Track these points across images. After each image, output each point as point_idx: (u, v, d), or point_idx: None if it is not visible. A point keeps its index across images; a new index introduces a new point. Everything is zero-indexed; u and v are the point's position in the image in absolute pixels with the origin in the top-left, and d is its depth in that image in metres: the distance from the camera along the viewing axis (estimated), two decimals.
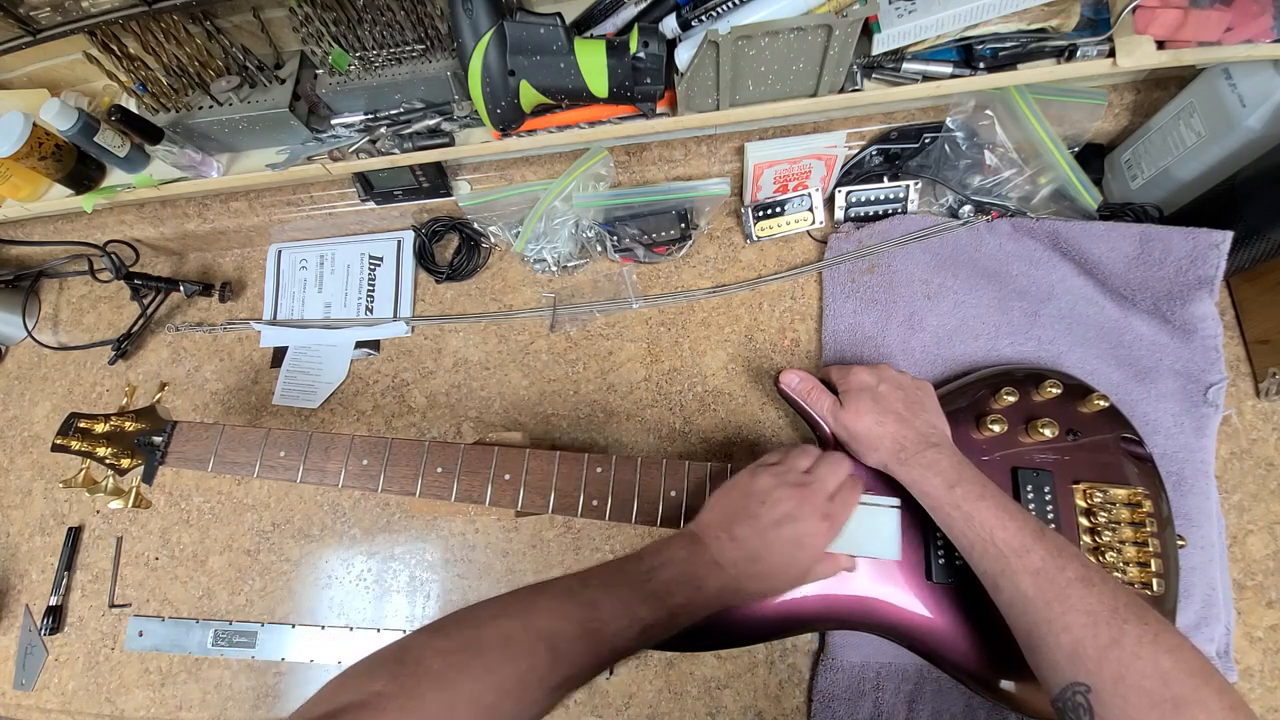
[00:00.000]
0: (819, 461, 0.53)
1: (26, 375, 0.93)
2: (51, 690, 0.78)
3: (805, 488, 0.50)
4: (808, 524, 0.48)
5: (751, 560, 0.47)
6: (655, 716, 0.65)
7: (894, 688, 0.61)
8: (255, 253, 0.91)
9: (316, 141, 0.70)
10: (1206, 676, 0.38)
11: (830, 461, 0.53)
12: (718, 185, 0.71)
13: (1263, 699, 0.59)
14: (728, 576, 0.47)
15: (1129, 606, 0.41)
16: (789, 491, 0.49)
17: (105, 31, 0.63)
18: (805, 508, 0.49)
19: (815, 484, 0.50)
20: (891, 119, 0.72)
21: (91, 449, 0.66)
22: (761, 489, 0.50)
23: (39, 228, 0.89)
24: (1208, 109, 0.59)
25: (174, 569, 0.79)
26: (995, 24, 0.58)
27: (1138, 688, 0.38)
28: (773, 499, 0.49)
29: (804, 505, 0.49)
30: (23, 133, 0.70)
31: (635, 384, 0.75)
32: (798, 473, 0.51)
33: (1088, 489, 0.56)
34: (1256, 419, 0.65)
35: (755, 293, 0.76)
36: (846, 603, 0.55)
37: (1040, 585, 0.43)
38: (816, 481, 0.51)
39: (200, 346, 0.88)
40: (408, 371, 0.81)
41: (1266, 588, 0.61)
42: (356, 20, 0.62)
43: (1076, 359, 0.65)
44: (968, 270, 0.70)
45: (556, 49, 0.57)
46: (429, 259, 0.84)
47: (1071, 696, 0.40)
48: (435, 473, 0.59)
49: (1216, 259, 0.62)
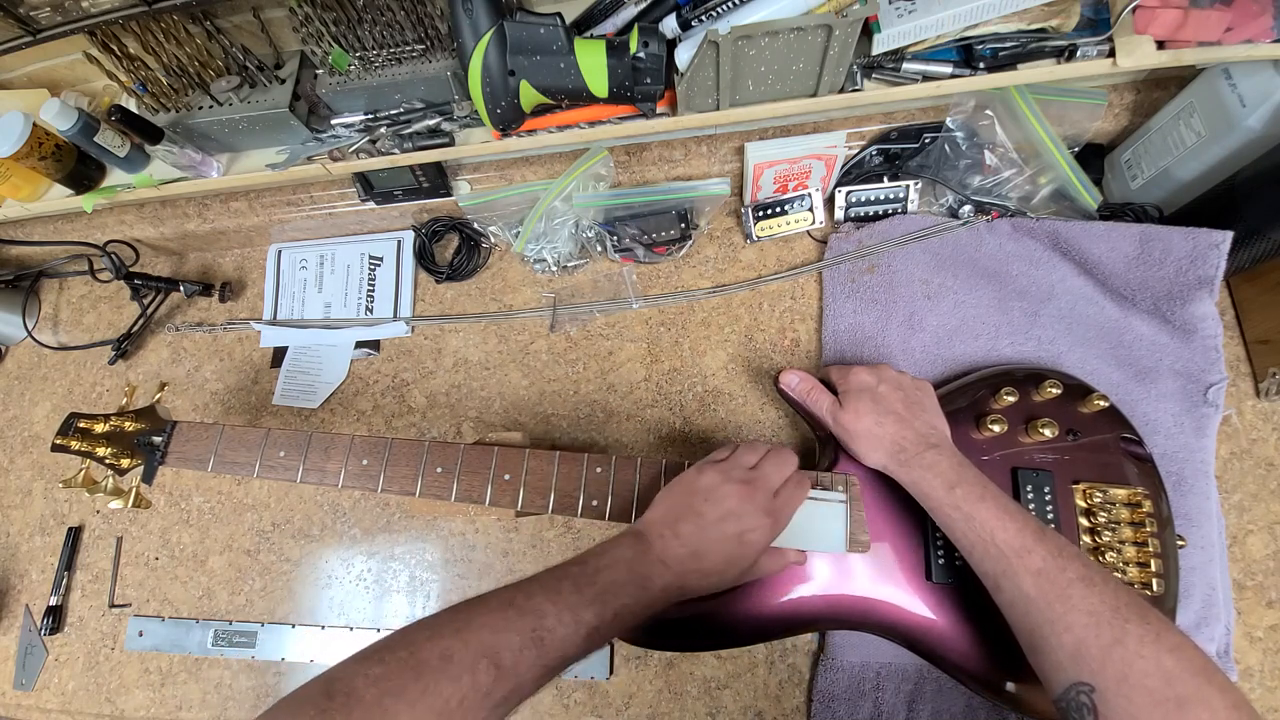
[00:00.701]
0: (765, 458, 0.53)
1: (26, 375, 0.93)
2: (51, 690, 0.78)
3: (749, 484, 0.50)
4: (750, 520, 0.48)
5: (695, 557, 0.47)
6: (655, 716, 0.65)
7: (894, 688, 0.61)
8: (255, 253, 0.91)
9: (316, 141, 0.70)
10: (1209, 675, 0.38)
11: (776, 458, 0.53)
12: (718, 185, 0.71)
13: (1263, 699, 0.59)
14: (672, 574, 0.46)
15: (1130, 606, 0.41)
16: (733, 488, 0.49)
17: (105, 31, 0.63)
18: (749, 504, 0.49)
19: (759, 480, 0.50)
20: (891, 119, 0.72)
21: (91, 449, 0.66)
22: (706, 486, 0.50)
23: (39, 228, 0.89)
24: (1208, 109, 0.59)
25: (174, 569, 0.79)
26: (995, 24, 0.58)
27: (1141, 687, 0.38)
28: (716, 495, 0.49)
29: (747, 502, 0.49)
30: (23, 133, 0.70)
31: (635, 384, 0.75)
32: (743, 469, 0.51)
33: (1088, 489, 0.56)
34: (1256, 419, 0.65)
35: (755, 293, 0.76)
36: (846, 603, 0.55)
37: (1042, 586, 0.43)
38: (761, 478, 0.51)
39: (200, 346, 0.88)
40: (408, 371, 0.81)
41: (1266, 588, 0.61)
42: (356, 20, 0.62)
43: (1076, 359, 0.65)
44: (968, 270, 0.70)
45: (556, 49, 0.57)
46: (429, 259, 0.84)
47: (1075, 696, 0.40)
48: (435, 473, 0.59)
49: (1216, 259, 0.62)
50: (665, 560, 0.47)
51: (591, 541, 0.71)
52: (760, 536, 0.48)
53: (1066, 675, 0.41)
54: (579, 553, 0.47)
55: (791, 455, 0.53)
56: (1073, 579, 0.42)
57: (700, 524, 0.48)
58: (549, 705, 0.67)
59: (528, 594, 0.42)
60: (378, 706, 0.34)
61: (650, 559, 0.47)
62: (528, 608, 0.41)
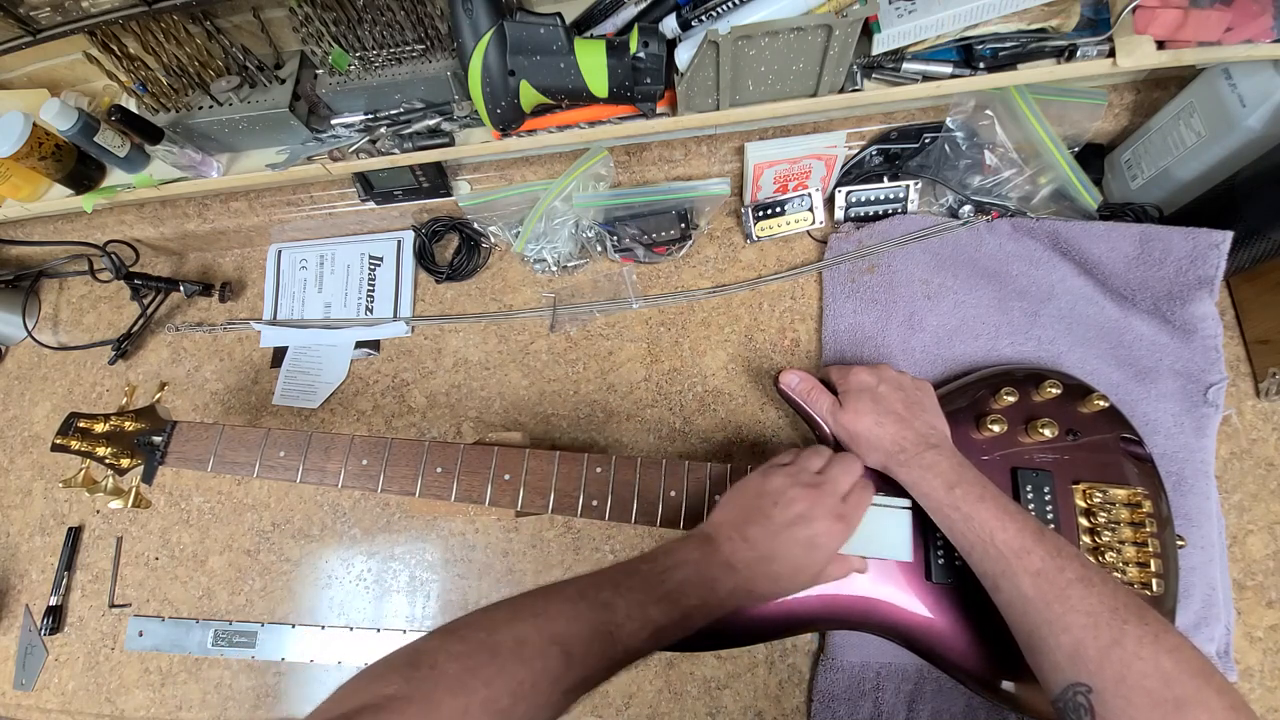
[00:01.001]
0: (831, 462, 0.52)
1: (26, 375, 0.93)
2: (51, 690, 0.78)
3: (818, 488, 0.49)
4: (821, 524, 0.48)
5: (765, 561, 0.47)
6: (655, 716, 0.65)
7: (894, 688, 0.61)
8: (255, 253, 0.91)
9: (316, 141, 0.70)
10: (1208, 676, 0.38)
11: (843, 462, 0.52)
12: (718, 185, 0.71)
13: (1263, 699, 0.59)
14: (741, 578, 0.46)
15: (1129, 607, 0.41)
16: (802, 492, 0.49)
17: (105, 31, 0.63)
18: (819, 508, 0.48)
19: (828, 484, 0.50)
20: (891, 119, 0.72)
21: (91, 449, 0.66)
22: (774, 489, 0.50)
23: (39, 228, 0.90)
24: (1208, 109, 0.59)
25: (174, 569, 0.79)
26: (995, 24, 0.57)
27: (1139, 688, 0.38)
28: (786, 499, 0.49)
29: (817, 506, 0.48)
30: (23, 133, 0.70)
31: (635, 384, 0.75)
32: (810, 473, 0.51)
33: (1087, 489, 0.56)
34: (1256, 419, 0.65)
35: (755, 293, 0.76)
36: (847, 603, 0.55)
37: (1040, 586, 0.43)
38: (829, 482, 0.50)
39: (200, 346, 0.88)
40: (408, 371, 0.81)
41: (1266, 588, 0.61)
42: (356, 20, 0.62)
43: (1076, 359, 0.65)
44: (968, 270, 0.70)
45: (556, 49, 0.57)
46: (429, 259, 0.84)
47: (1072, 697, 0.40)
48: (435, 473, 0.59)
49: (1216, 259, 0.62)
50: (733, 563, 0.46)
51: (591, 541, 0.71)
52: (830, 541, 0.48)
53: (1064, 676, 0.41)
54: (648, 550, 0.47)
55: (858, 460, 0.53)
56: (1071, 580, 0.42)
57: (770, 528, 0.48)
58: None
59: (599, 587, 0.43)
60: (457, 681, 0.36)
61: (718, 561, 0.46)
62: (599, 601, 0.42)
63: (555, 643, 0.39)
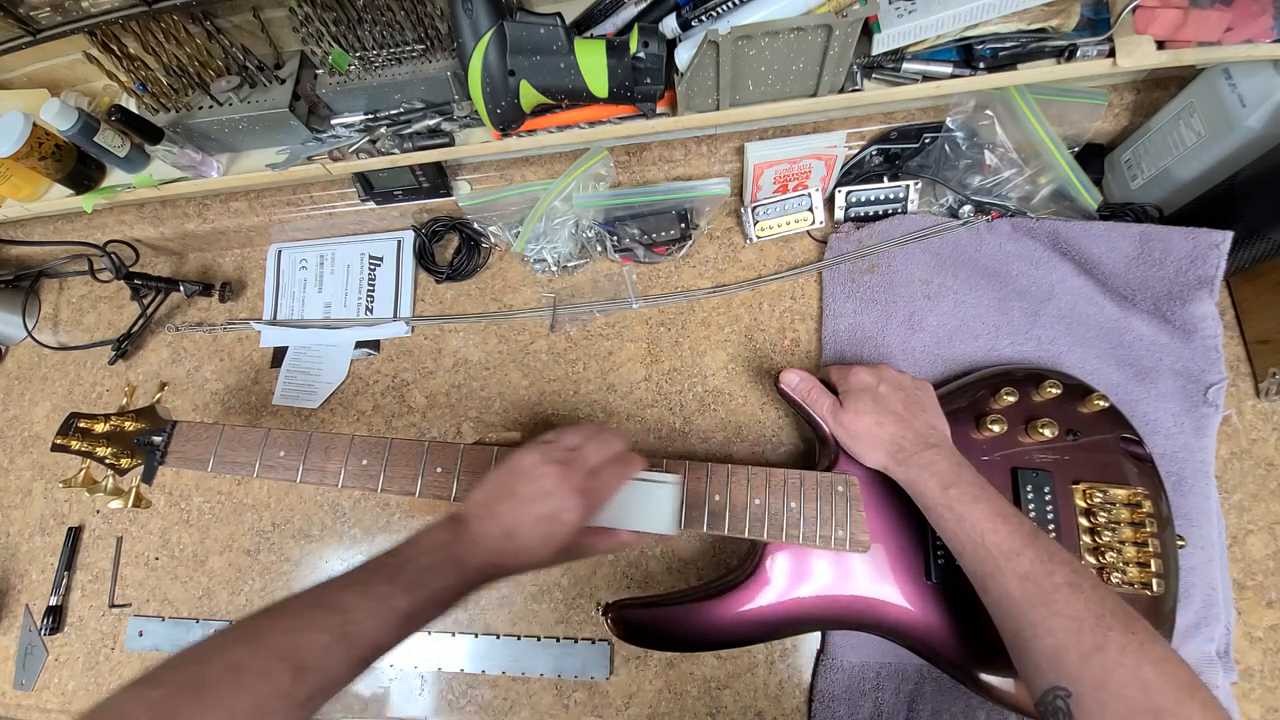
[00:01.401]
0: (587, 438, 0.53)
1: (26, 375, 0.93)
2: (51, 690, 0.78)
3: (567, 464, 0.50)
4: (562, 499, 0.48)
5: (509, 536, 0.48)
6: (655, 716, 0.65)
7: (894, 688, 0.61)
8: (255, 253, 0.91)
9: (316, 141, 0.70)
10: (1192, 690, 0.37)
11: (599, 438, 0.53)
12: (718, 185, 0.71)
13: (1263, 699, 0.59)
14: (487, 552, 0.47)
15: (1116, 614, 0.41)
16: (550, 469, 0.49)
17: (105, 31, 0.63)
18: (565, 484, 0.49)
19: (578, 460, 0.51)
20: (891, 119, 0.72)
21: (91, 449, 0.66)
22: (525, 466, 0.50)
23: (39, 228, 0.90)
24: (1208, 109, 0.59)
25: (174, 569, 0.79)
26: (995, 24, 0.58)
27: (1119, 695, 0.38)
28: (533, 475, 0.49)
29: (563, 481, 0.49)
30: (23, 133, 0.70)
31: (635, 384, 0.75)
32: (563, 450, 0.51)
33: (1088, 489, 0.56)
34: (1256, 419, 0.65)
35: (755, 293, 0.76)
36: (846, 602, 0.55)
37: (1027, 589, 0.43)
38: (579, 458, 0.51)
39: (200, 346, 0.88)
40: (408, 371, 0.81)
41: (1266, 588, 0.61)
42: (356, 20, 0.62)
43: (1076, 359, 0.65)
44: (968, 270, 0.70)
45: (556, 49, 0.57)
46: (429, 259, 0.84)
47: (1052, 700, 0.40)
48: (435, 473, 0.59)
49: (1216, 259, 0.62)
50: (479, 539, 0.47)
51: None
52: (570, 516, 0.48)
53: (1045, 679, 0.41)
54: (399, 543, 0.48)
55: (617, 436, 0.54)
56: (1059, 584, 0.43)
57: (515, 503, 0.49)
58: (549, 705, 0.67)
59: (339, 590, 0.43)
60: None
61: (466, 538, 0.47)
62: (336, 605, 0.42)
63: (281, 658, 0.38)
